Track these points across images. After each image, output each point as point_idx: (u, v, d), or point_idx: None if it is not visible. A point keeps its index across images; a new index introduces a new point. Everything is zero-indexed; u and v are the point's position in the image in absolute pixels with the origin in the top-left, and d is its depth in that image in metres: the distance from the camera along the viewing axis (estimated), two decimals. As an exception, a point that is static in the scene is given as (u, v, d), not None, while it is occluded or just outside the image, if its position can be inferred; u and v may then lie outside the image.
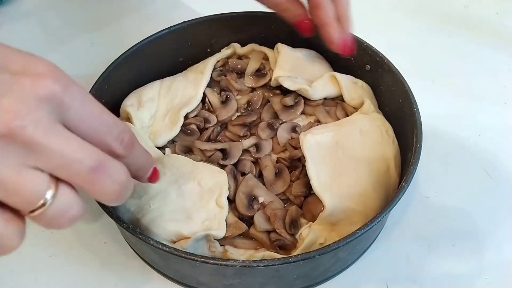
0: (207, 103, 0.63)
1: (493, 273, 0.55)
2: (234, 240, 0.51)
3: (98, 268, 0.56)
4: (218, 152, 0.57)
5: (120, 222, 0.46)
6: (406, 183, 0.48)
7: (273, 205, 0.53)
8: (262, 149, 0.58)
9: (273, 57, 0.67)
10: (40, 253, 0.57)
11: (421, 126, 0.53)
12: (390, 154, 0.56)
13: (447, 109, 0.72)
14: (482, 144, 0.68)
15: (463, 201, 0.62)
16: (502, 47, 0.82)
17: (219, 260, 0.44)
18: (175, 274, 0.53)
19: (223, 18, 0.67)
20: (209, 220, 0.50)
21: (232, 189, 0.54)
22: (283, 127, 0.60)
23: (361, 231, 0.45)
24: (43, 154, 0.29)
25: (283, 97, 0.62)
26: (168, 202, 0.51)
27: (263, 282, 0.49)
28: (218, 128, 0.60)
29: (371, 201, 0.52)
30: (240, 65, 0.66)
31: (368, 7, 0.91)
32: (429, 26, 0.87)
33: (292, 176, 0.55)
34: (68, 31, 0.85)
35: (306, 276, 0.51)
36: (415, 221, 0.60)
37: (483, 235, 0.58)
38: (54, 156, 0.30)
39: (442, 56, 0.81)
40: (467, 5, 0.91)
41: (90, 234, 0.58)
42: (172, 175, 0.53)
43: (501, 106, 0.73)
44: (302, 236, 0.51)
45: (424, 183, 0.63)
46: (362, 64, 0.65)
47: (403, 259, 0.56)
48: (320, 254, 0.44)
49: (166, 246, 0.44)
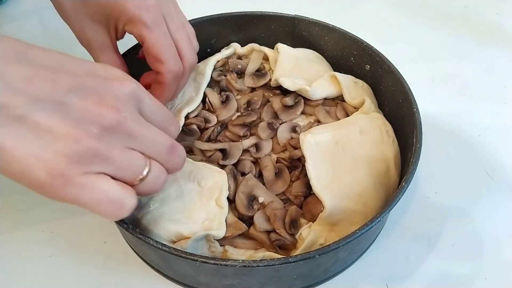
0: (208, 103, 0.63)
1: (493, 273, 0.55)
2: (234, 240, 0.52)
3: (98, 268, 0.56)
4: (218, 152, 0.57)
5: (120, 222, 0.46)
6: (406, 183, 0.48)
7: (273, 205, 0.53)
8: (262, 149, 0.58)
9: (273, 57, 0.67)
10: (40, 253, 0.57)
11: (421, 126, 0.53)
12: (390, 154, 0.56)
13: (447, 109, 0.72)
14: (482, 144, 0.68)
15: (463, 201, 0.62)
16: (502, 47, 0.82)
17: (219, 260, 0.44)
18: (175, 274, 0.53)
19: (223, 18, 0.67)
20: (209, 220, 0.50)
21: (232, 189, 0.54)
22: (283, 127, 0.60)
23: (361, 231, 0.45)
24: (137, 138, 0.38)
25: (283, 97, 0.62)
26: (168, 202, 0.51)
27: (263, 282, 0.49)
28: (218, 128, 0.60)
29: (371, 201, 0.52)
30: (240, 65, 0.66)
31: (368, 7, 0.92)
32: (429, 26, 0.87)
33: (292, 176, 0.55)
34: (68, 31, 0.85)
35: (306, 276, 0.51)
36: (415, 221, 0.60)
37: (483, 235, 0.58)
38: (144, 140, 0.38)
39: (442, 56, 0.81)
40: (467, 5, 0.91)
41: (90, 234, 0.58)
42: (172, 175, 0.53)
43: (501, 106, 0.73)
44: (302, 236, 0.51)
45: (424, 183, 0.63)
46: (362, 64, 0.65)
47: (403, 259, 0.56)
48: (320, 254, 0.44)
49: (166, 246, 0.44)
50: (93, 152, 0.35)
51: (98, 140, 0.35)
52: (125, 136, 0.37)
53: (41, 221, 0.60)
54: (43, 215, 0.60)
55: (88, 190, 0.36)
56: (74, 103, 0.35)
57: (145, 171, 0.39)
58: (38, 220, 0.60)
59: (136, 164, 0.38)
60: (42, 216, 0.60)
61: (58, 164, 0.34)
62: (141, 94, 0.39)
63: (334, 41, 0.67)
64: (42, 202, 0.61)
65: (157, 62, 0.49)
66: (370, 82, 0.64)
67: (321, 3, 0.92)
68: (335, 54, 0.68)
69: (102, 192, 0.36)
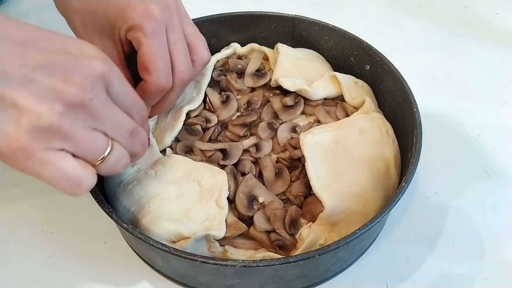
0: (208, 103, 0.63)
1: (493, 273, 0.55)
2: (234, 240, 0.51)
3: (98, 268, 0.56)
4: (218, 152, 0.57)
5: (120, 222, 0.46)
6: (406, 183, 0.48)
7: (273, 205, 0.53)
8: (262, 149, 0.58)
9: (273, 57, 0.67)
10: (40, 253, 0.57)
11: (421, 126, 0.53)
12: (390, 154, 0.56)
13: (447, 109, 0.72)
14: (482, 144, 0.68)
15: (463, 201, 0.62)
16: (502, 47, 0.82)
17: (219, 260, 0.44)
18: (175, 274, 0.53)
19: (223, 18, 0.67)
20: (209, 220, 0.50)
21: (232, 189, 0.54)
22: (283, 127, 0.60)
23: (361, 231, 0.45)
24: (101, 119, 0.38)
25: (283, 97, 0.62)
26: (168, 202, 0.51)
27: (263, 282, 0.49)
28: (219, 128, 0.60)
29: (371, 201, 0.52)
30: (240, 65, 0.66)
31: (368, 7, 0.92)
32: (429, 26, 0.87)
33: (292, 176, 0.55)
34: (68, 31, 0.85)
35: (306, 276, 0.51)
36: (415, 221, 0.60)
37: (483, 235, 0.58)
38: (109, 121, 0.39)
39: (442, 56, 0.81)
40: (467, 5, 0.91)
41: (90, 234, 0.58)
42: (172, 175, 0.53)
43: (501, 106, 0.73)
44: (302, 236, 0.51)
45: (424, 183, 0.63)
46: (362, 64, 0.65)
47: (403, 259, 0.56)
48: (320, 254, 0.44)
49: (166, 246, 0.44)
50: (55, 129, 0.35)
51: (60, 117, 0.35)
52: (89, 116, 0.37)
53: (41, 221, 0.60)
54: (43, 215, 0.60)
55: (47, 166, 0.36)
56: (40, 80, 0.35)
57: (106, 152, 0.39)
58: (38, 220, 0.60)
59: (98, 144, 0.39)
60: (42, 216, 0.60)
61: (19, 138, 0.35)
62: (111, 76, 0.39)
63: (334, 41, 0.67)
64: (42, 202, 0.61)
65: (144, 71, 0.48)
66: (370, 82, 0.64)
67: (321, 3, 0.92)
68: (335, 54, 0.68)
69: (61, 170, 0.37)
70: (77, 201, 0.60)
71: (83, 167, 0.38)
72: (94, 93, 0.37)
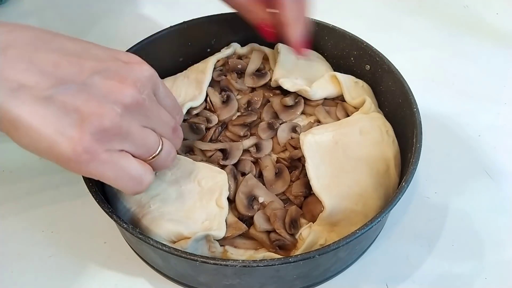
0: (208, 102, 0.63)
1: (493, 273, 0.55)
2: (234, 240, 0.52)
3: (98, 268, 0.56)
4: (218, 152, 0.57)
5: (120, 222, 0.46)
6: (406, 183, 0.48)
7: (273, 205, 0.53)
8: (262, 149, 0.58)
9: (273, 57, 0.67)
10: (40, 253, 0.57)
11: (421, 126, 0.53)
12: (390, 154, 0.56)
13: (447, 109, 0.72)
14: (482, 144, 0.68)
15: (463, 201, 0.62)
16: (502, 47, 0.82)
17: (219, 260, 0.44)
18: (175, 274, 0.53)
19: (223, 18, 0.67)
20: (209, 220, 0.50)
21: (232, 189, 0.54)
22: (283, 127, 0.60)
23: (361, 231, 0.45)
24: (152, 118, 0.42)
25: (283, 97, 0.62)
26: (168, 202, 0.51)
27: (263, 282, 0.49)
28: (220, 129, 0.60)
29: (371, 201, 0.52)
30: (240, 65, 0.66)
31: (368, 7, 0.92)
32: (429, 26, 0.87)
33: (292, 176, 0.55)
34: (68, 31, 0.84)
35: (306, 276, 0.51)
36: (415, 221, 0.60)
37: (483, 235, 0.58)
38: (157, 119, 0.42)
39: (442, 56, 0.81)
40: (467, 5, 0.91)
41: (90, 234, 0.58)
42: (172, 175, 0.53)
43: (501, 106, 0.73)
44: (302, 236, 0.51)
45: (424, 183, 0.63)
46: (362, 64, 0.65)
47: (403, 259, 0.56)
48: (320, 254, 0.44)
49: (166, 246, 0.44)
50: (116, 130, 0.38)
51: (120, 118, 0.38)
52: (142, 116, 0.40)
53: (41, 221, 0.60)
54: (43, 215, 0.60)
55: (111, 166, 0.39)
56: (98, 84, 0.38)
57: (158, 148, 0.43)
58: (38, 220, 0.60)
59: (152, 141, 0.42)
60: (42, 216, 0.60)
61: (83, 141, 0.37)
62: (157, 79, 0.43)
63: (334, 41, 0.67)
64: (42, 202, 0.61)
65: None
66: (370, 82, 0.64)
67: (321, 3, 0.92)
68: (335, 54, 0.68)
69: (124, 169, 0.39)
70: (77, 201, 0.60)
71: (142, 165, 0.41)
72: (146, 94, 0.40)
